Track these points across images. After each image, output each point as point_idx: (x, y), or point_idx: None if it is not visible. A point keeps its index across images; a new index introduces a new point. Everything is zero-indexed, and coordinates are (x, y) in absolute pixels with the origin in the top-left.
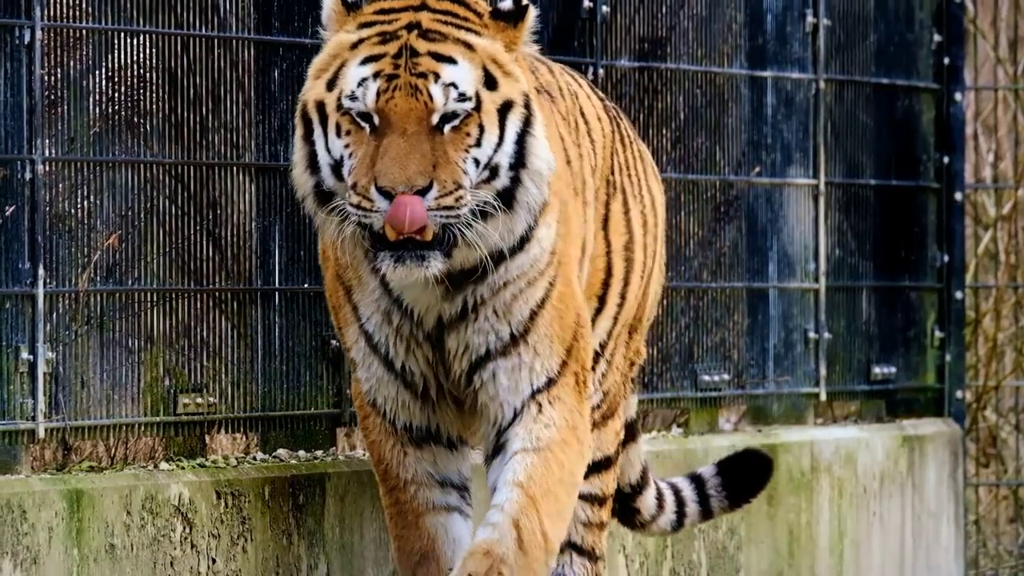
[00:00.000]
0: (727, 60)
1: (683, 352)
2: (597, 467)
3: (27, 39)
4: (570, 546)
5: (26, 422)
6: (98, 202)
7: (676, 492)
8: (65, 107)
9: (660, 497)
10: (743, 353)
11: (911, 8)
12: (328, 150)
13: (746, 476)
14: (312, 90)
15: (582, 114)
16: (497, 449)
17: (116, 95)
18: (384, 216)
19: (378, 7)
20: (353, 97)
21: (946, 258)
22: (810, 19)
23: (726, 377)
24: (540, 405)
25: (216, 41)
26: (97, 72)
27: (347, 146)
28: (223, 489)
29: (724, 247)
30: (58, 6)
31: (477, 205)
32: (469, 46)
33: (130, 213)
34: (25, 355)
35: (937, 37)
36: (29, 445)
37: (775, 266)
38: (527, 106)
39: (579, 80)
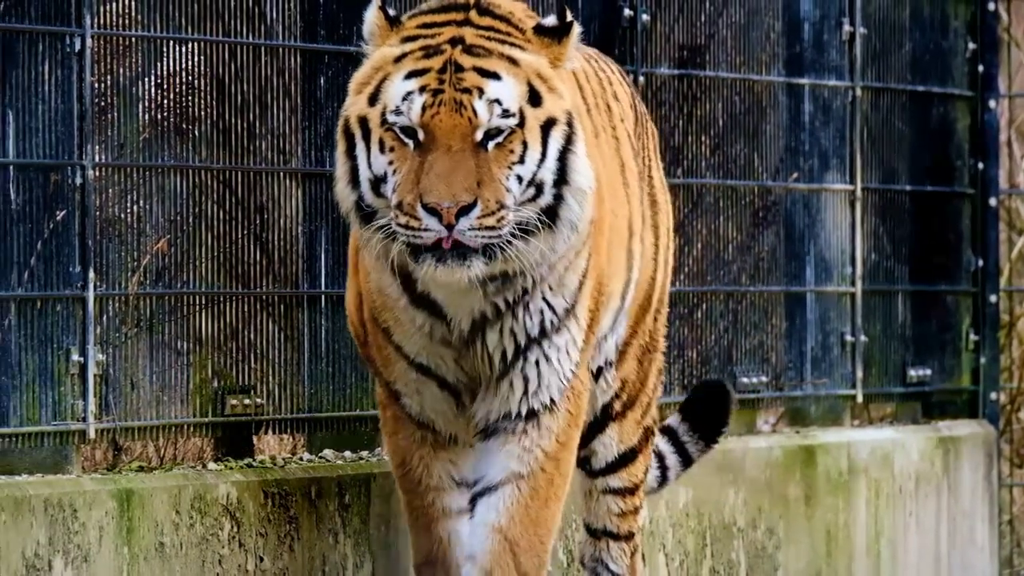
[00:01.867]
0: (765, 68)
1: (722, 355)
2: (623, 460)
3: (78, 47)
4: (605, 534)
5: (77, 423)
6: (147, 207)
7: (655, 452)
8: (115, 114)
9: None
10: (781, 356)
11: (946, 17)
12: (370, 166)
13: (710, 412)
14: (354, 105)
15: (615, 97)
16: (500, 429)
17: (165, 102)
18: (433, 236)
19: (421, 21)
20: (398, 112)
21: (980, 262)
22: (847, 28)
23: (764, 379)
24: (555, 409)
25: (263, 49)
26: (146, 79)
27: (391, 163)
28: (270, 489)
29: (762, 251)
30: (108, 14)
31: (519, 224)
32: (514, 61)
33: (179, 218)
34: (76, 357)
35: (971, 45)
36: (80, 446)
37: (812, 270)
38: (570, 123)
39: (610, 67)
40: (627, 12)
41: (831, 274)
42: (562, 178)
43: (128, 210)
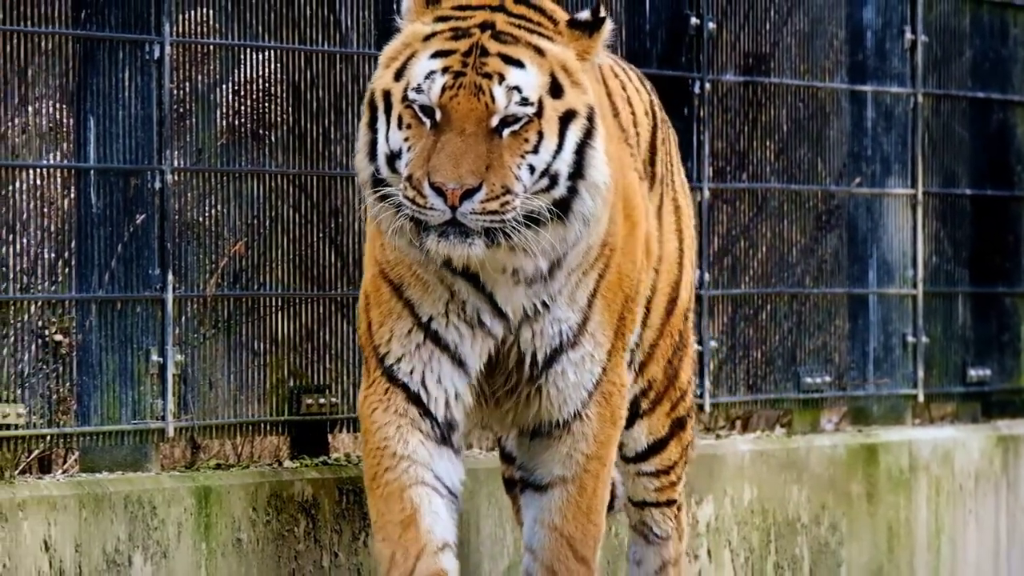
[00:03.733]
0: (829, 75)
1: (786, 355)
2: (653, 449)
3: (157, 54)
4: (646, 504)
5: (156, 422)
6: (225, 211)
7: None
8: (193, 120)
9: None
10: (844, 356)
11: (1005, 25)
12: (388, 140)
13: None
14: (381, 78)
15: (629, 103)
16: (540, 432)
17: (242, 108)
18: (438, 216)
19: (457, 2)
20: (419, 90)
21: None
22: (908, 36)
23: (828, 379)
24: (585, 416)
25: (338, 56)
26: (224, 86)
27: (406, 139)
28: (345, 486)
29: (826, 254)
30: (187, 23)
31: (529, 213)
32: (540, 51)
33: (255, 221)
34: (155, 357)
35: None
36: (159, 444)
37: (875, 272)
38: (590, 118)
39: (628, 71)
40: (694, 21)
41: (893, 276)
42: (578, 171)
43: (206, 214)
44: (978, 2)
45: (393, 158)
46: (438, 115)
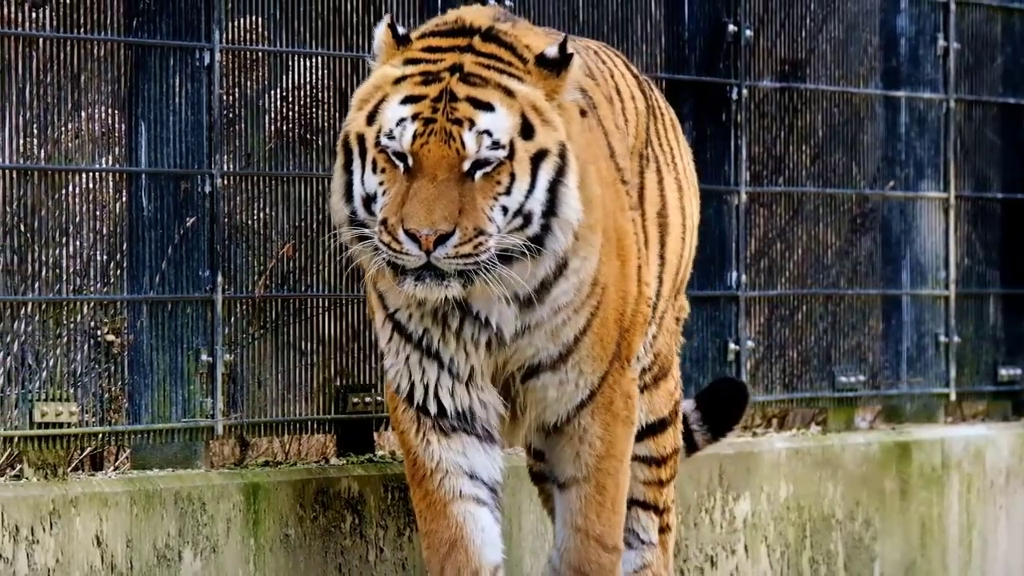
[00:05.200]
0: (863, 81)
1: (821, 355)
2: (652, 430)
3: (207, 61)
4: (633, 503)
5: (206, 420)
6: (273, 214)
7: None
8: (242, 125)
9: None
10: (878, 356)
11: None
12: (363, 183)
13: (724, 407)
14: (355, 121)
15: (617, 92)
16: (547, 431)
17: (290, 113)
18: (414, 260)
19: (426, 44)
20: (391, 136)
21: None
22: (941, 43)
23: (862, 378)
24: (579, 423)
25: None
26: (272, 92)
27: (381, 183)
28: (390, 483)
29: (860, 256)
30: (236, 30)
31: (503, 250)
32: (509, 92)
33: (303, 224)
34: (205, 357)
35: None
36: (209, 441)
37: (908, 274)
38: (562, 155)
39: (614, 58)
40: (731, 28)
41: (926, 278)
42: (551, 209)
43: (255, 217)
44: (1009, 11)
45: (370, 200)
46: (410, 161)
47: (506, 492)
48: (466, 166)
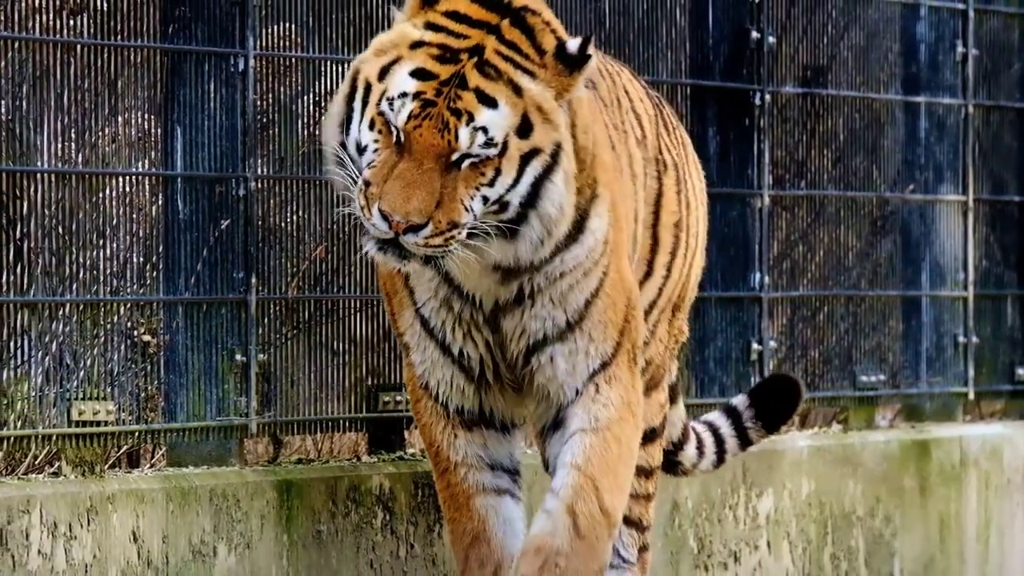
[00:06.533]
0: (884, 87)
1: (843, 355)
2: (643, 439)
3: (241, 67)
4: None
5: (240, 418)
6: (306, 216)
7: (714, 431)
8: (276, 129)
9: (700, 444)
10: (898, 356)
11: None
12: (359, 131)
13: (778, 402)
14: (368, 64)
15: (625, 92)
16: (556, 424)
17: (322, 118)
18: (380, 235)
19: (453, 7)
20: (391, 105)
21: None
22: (960, 49)
23: (882, 378)
24: (597, 386)
25: None
26: (305, 97)
27: (376, 141)
28: (420, 480)
29: (880, 258)
30: (270, 37)
31: (473, 229)
32: (518, 90)
33: (335, 226)
34: (239, 357)
35: None
36: (243, 439)
37: (927, 276)
38: (554, 155)
39: (619, 67)
40: (755, 35)
41: (945, 279)
42: (531, 202)
43: (288, 219)
44: None
45: (361, 149)
46: (401, 137)
47: (536, 490)
48: (454, 157)
